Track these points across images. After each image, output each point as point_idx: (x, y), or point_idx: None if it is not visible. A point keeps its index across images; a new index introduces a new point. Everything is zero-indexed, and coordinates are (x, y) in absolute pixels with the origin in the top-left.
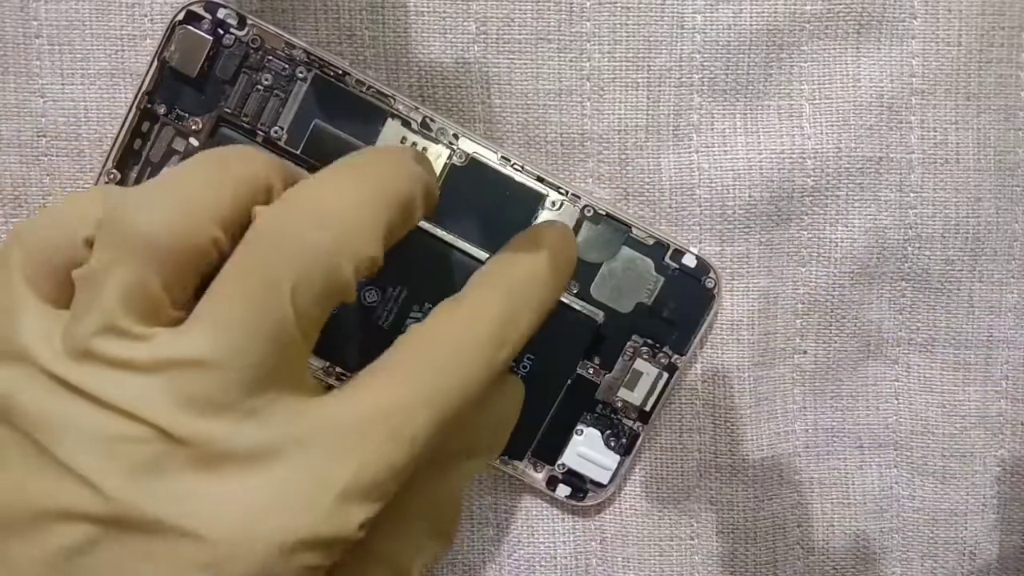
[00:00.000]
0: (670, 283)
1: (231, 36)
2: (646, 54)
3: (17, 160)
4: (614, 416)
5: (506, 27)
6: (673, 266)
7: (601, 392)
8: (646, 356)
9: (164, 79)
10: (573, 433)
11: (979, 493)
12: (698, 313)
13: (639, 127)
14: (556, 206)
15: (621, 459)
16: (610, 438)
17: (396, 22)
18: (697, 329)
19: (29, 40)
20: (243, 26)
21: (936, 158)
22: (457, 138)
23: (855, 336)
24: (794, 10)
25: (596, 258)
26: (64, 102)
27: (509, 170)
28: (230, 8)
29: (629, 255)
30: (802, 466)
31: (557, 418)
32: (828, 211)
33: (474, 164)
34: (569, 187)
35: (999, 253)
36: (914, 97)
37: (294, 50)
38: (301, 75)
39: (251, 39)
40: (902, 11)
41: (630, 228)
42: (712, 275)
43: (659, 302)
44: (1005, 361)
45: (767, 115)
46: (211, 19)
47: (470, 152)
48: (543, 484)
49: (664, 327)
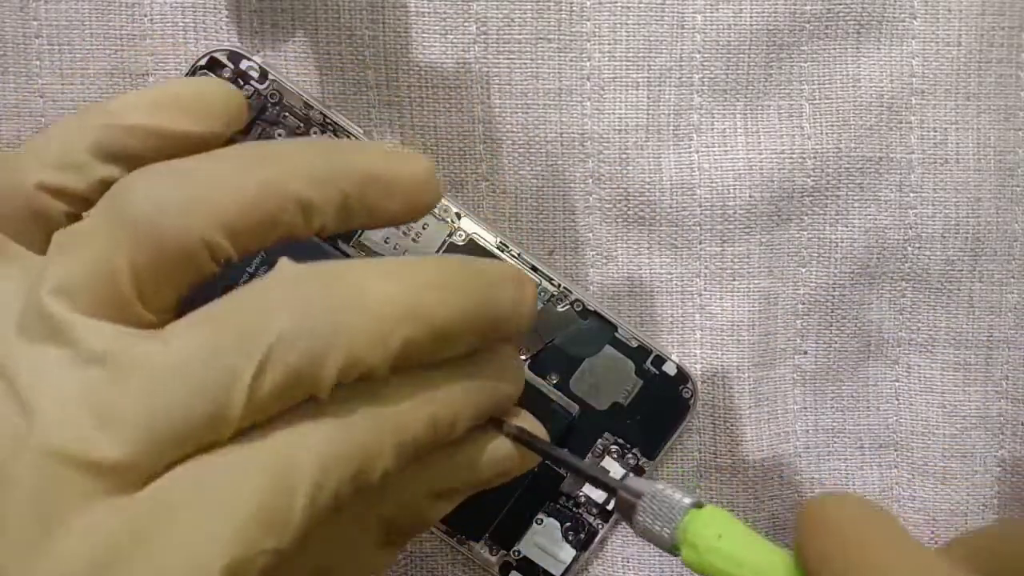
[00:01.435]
0: (648, 387)
1: (251, 87)
2: (646, 54)
3: None
4: (575, 510)
5: (506, 27)
6: (653, 371)
7: (566, 485)
8: (615, 455)
9: None
10: (533, 522)
11: (979, 493)
12: (672, 421)
13: (639, 127)
14: (547, 296)
15: (577, 554)
16: (568, 531)
17: (396, 22)
18: (669, 437)
19: (29, 40)
20: (264, 79)
21: (936, 158)
22: (459, 217)
23: (855, 336)
24: (794, 10)
25: (579, 353)
26: (64, 102)
27: (505, 256)
28: (253, 61)
29: (611, 354)
30: (802, 466)
31: (519, 504)
32: (828, 211)
33: (472, 245)
34: (561, 280)
35: (999, 253)
36: (914, 97)
37: (311, 110)
38: (315, 135)
39: (270, 93)
40: (902, 11)
41: (615, 328)
42: (690, 386)
43: (635, 405)
44: (1005, 361)
45: (767, 115)
46: (233, 68)
47: (470, 232)
48: (496, 569)
49: (637, 429)
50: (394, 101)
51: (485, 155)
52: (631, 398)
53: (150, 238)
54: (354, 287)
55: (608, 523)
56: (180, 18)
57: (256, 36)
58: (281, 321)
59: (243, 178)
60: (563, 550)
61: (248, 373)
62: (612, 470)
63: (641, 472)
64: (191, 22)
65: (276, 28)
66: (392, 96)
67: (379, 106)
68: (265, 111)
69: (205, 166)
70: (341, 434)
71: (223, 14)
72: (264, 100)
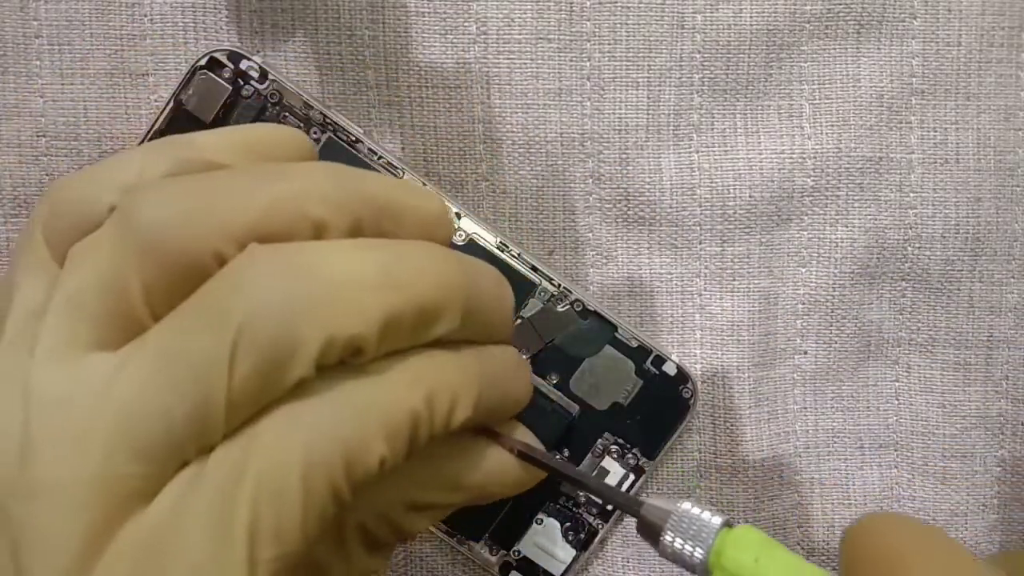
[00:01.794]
0: (648, 387)
1: (250, 88)
2: (646, 54)
3: (17, 160)
4: (575, 510)
5: (506, 27)
6: (653, 371)
7: (566, 485)
8: (615, 455)
9: (178, 120)
10: (533, 522)
11: (979, 493)
12: (672, 421)
13: (639, 127)
14: (546, 296)
15: (577, 554)
16: (568, 531)
17: (396, 22)
18: (669, 436)
19: (29, 40)
20: (264, 80)
21: (936, 158)
22: (459, 217)
23: (855, 336)
24: (794, 10)
25: (579, 353)
26: (64, 102)
27: (505, 256)
28: (253, 61)
29: (611, 354)
30: (803, 466)
31: (519, 504)
32: (828, 211)
33: (472, 245)
34: (561, 280)
35: (999, 253)
36: (914, 97)
37: (311, 110)
38: (315, 135)
39: (270, 93)
40: (902, 11)
41: (615, 328)
42: (690, 386)
43: (635, 405)
44: (1005, 361)
45: (767, 115)
46: (233, 68)
47: (470, 232)
48: (496, 569)
49: (637, 429)
50: (394, 101)
51: (485, 155)
52: (631, 398)
53: (156, 249)
54: (319, 259)
55: (608, 523)
56: (180, 18)
57: (256, 36)
58: (246, 301)
59: (255, 192)
60: (563, 550)
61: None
62: (612, 471)
63: (641, 472)
64: (191, 22)
65: (276, 28)
66: (392, 96)
67: (379, 106)
68: (265, 111)
69: (217, 180)
70: (326, 421)
71: (223, 14)
72: (264, 100)
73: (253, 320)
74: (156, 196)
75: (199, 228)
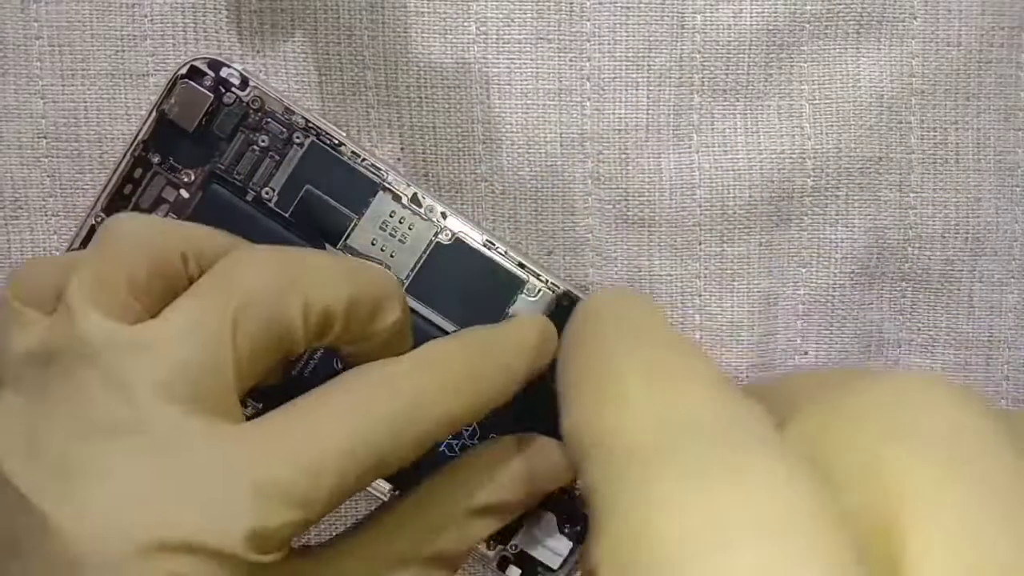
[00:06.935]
0: None
1: (232, 95)
2: (646, 54)
3: (17, 162)
4: (572, 502)
5: (506, 27)
6: None
7: None
8: None
9: (161, 130)
10: (529, 515)
11: None
12: None
13: (639, 127)
14: (534, 293)
15: (574, 546)
16: (565, 524)
17: (396, 22)
18: None
19: (29, 41)
20: (245, 87)
21: (936, 158)
22: (445, 216)
23: (856, 337)
24: (794, 10)
25: None
26: (64, 103)
27: (493, 253)
28: (234, 68)
29: None
30: None
31: None
32: (828, 211)
33: (458, 243)
34: (549, 276)
35: (999, 253)
36: (914, 97)
37: (293, 116)
38: (298, 140)
39: (252, 99)
40: (902, 11)
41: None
42: None
43: None
44: (1006, 362)
45: (767, 115)
46: (214, 76)
47: (456, 231)
48: (494, 564)
49: None
50: (393, 101)
51: (485, 155)
52: None
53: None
54: (300, 253)
55: None
56: (180, 18)
57: (256, 36)
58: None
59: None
60: (560, 542)
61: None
62: None
63: None
64: (191, 22)
65: (276, 28)
66: (391, 96)
67: (378, 106)
68: (247, 118)
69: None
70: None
71: (223, 14)
72: (246, 107)
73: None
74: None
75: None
